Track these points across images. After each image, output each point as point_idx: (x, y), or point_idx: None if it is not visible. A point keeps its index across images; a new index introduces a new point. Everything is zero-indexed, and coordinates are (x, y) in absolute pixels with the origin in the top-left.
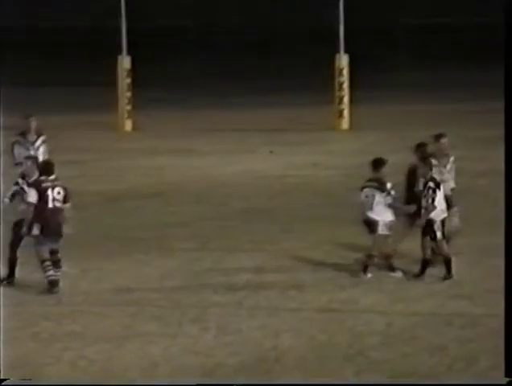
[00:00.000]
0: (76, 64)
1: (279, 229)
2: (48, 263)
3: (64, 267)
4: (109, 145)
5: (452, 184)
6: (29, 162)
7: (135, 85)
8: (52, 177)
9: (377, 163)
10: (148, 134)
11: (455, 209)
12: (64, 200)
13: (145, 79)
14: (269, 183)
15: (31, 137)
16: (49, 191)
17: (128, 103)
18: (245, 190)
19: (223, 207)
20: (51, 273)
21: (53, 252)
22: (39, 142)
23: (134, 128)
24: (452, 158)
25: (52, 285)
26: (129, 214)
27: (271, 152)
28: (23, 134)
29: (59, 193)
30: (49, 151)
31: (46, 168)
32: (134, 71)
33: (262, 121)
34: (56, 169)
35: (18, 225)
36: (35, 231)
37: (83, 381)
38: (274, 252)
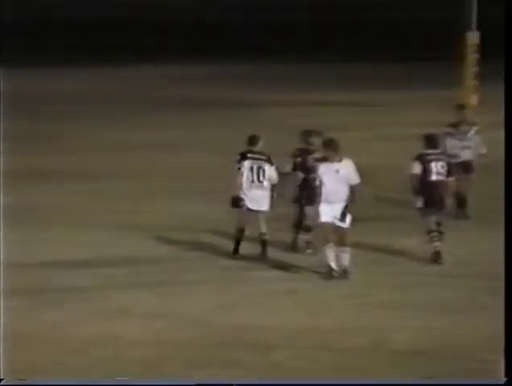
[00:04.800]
0: (413, 40)
1: None
2: (435, 234)
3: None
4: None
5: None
6: None
7: (483, 60)
8: (438, 150)
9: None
10: (494, 109)
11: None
12: (448, 174)
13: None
14: None
15: (464, 128)
16: (432, 164)
17: (475, 78)
18: None
19: None
20: (437, 244)
21: (437, 224)
22: (471, 133)
23: (480, 103)
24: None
25: (436, 256)
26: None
27: None
28: (455, 125)
29: (442, 167)
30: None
31: (432, 141)
32: (482, 46)
33: None
34: (397, 143)
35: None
36: (419, 203)
37: (419, 349)
38: None
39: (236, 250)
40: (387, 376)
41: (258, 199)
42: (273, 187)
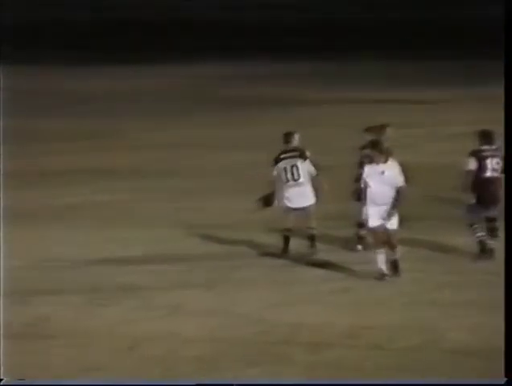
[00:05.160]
0: (465, 38)
1: None
2: (476, 226)
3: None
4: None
5: None
6: None
7: None
8: (493, 147)
9: None
10: None
11: None
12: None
13: None
14: None
15: None
16: (488, 161)
17: None
18: None
19: None
20: (480, 234)
21: (490, 220)
22: None
23: None
24: None
25: (482, 246)
26: None
27: None
28: None
29: (498, 163)
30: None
31: (487, 137)
32: None
33: None
34: (450, 141)
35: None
36: (472, 200)
37: (472, 348)
38: None
39: (285, 249)
40: (440, 376)
41: (296, 196)
42: (315, 180)
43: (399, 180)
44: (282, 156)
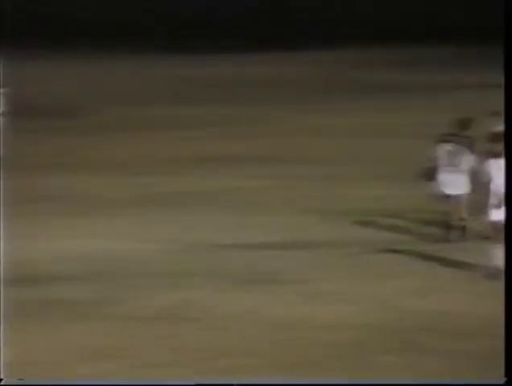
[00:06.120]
0: None
1: None
2: None
3: None
4: None
5: None
6: None
7: None
8: None
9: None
10: None
11: None
12: None
13: None
14: None
15: None
16: None
17: None
18: None
19: None
20: None
21: None
22: None
23: None
24: None
25: None
26: None
27: None
28: None
29: None
30: None
31: None
32: None
33: None
34: None
35: None
36: None
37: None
38: None
39: (446, 233)
40: None
41: (451, 183)
42: (475, 170)
43: None
44: (450, 138)
